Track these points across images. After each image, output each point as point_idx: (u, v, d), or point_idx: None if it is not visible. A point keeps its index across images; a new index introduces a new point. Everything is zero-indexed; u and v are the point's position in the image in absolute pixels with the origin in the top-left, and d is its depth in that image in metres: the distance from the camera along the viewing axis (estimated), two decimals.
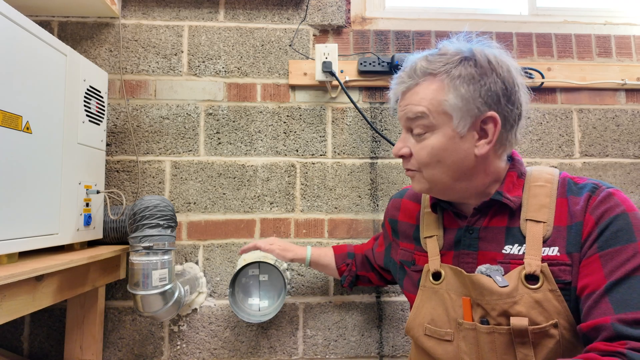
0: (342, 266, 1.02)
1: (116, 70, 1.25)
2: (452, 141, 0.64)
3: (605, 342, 0.54)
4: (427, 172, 0.68)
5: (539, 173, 0.70)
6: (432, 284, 0.71)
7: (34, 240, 0.83)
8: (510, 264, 0.64)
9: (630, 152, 1.32)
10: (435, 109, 0.64)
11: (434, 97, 0.64)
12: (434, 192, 0.72)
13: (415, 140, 0.68)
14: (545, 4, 1.42)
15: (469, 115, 0.63)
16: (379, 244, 0.97)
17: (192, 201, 1.23)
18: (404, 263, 0.80)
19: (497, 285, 0.62)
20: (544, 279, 0.61)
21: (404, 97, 0.69)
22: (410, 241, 0.81)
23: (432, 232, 0.75)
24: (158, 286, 0.97)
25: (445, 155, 0.65)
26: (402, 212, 0.86)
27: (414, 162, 0.69)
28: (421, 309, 0.72)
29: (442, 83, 0.64)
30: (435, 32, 1.32)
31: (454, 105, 0.63)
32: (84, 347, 1.09)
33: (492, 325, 0.62)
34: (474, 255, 0.68)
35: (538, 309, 0.60)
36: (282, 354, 1.21)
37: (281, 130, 1.27)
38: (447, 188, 0.69)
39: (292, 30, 1.30)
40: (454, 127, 0.64)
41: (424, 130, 0.66)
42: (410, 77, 0.67)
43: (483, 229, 0.69)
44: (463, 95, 0.62)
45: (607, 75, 1.31)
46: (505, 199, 0.66)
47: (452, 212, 0.73)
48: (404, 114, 0.68)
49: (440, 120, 0.64)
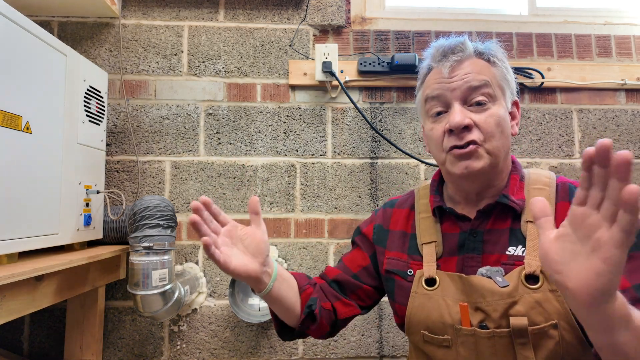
0: (307, 287, 0.75)
1: (116, 70, 1.25)
2: (506, 115, 0.68)
3: None
4: (491, 144, 0.65)
5: (537, 176, 0.71)
6: (425, 290, 0.69)
7: (34, 240, 0.83)
8: (515, 265, 0.64)
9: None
10: (494, 81, 0.67)
11: (489, 70, 0.68)
12: (486, 173, 0.67)
13: (476, 111, 0.65)
14: (545, 4, 1.42)
15: (511, 94, 0.70)
16: (354, 262, 0.82)
17: (192, 201, 1.23)
18: (396, 273, 0.75)
19: (498, 286, 0.62)
20: (544, 279, 0.60)
21: (460, 66, 0.67)
22: (403, 251, 0.76)
23: (430, 238, 0.73)
24: (158, 286, 0.97)
25: (506, 127, 0.67)
26: (393, 222, 0.80)
27: (477, 134, 0.65)
28: (414, 316, 0.70)
29: (489, 62, 0.69)
30: (435, 32, 1.32)
31: (507, 81, 0.69)
32: (84, 347, 1.09)
33: (492, 329, 0.62)
34: (478, 259, 0.67)
35: (537, 309, 0.60)
36: (282, 354, 1.21)
37: (281, 130, 1.27)
38: (497, 166, 0.67)
39: (292, 30, 1.30)
40: (505, 102, 0.68)
41: (488, 99, 0.66)
42: (461, 50, 0.68)
43: (487, 232, 0.68)
44: (505, 76, 0.69)
45: (607, 75, 1.31)
46: (512, 202, 0.66)
47: (453, 216, 0.72)
48: (463, 83, 0.65)
49: (498, 92, 0.67)
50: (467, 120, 0.64)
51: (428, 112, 0.71)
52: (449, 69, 0.67)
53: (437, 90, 0.68)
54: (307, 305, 0.72)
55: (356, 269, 0.81)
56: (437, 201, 0.73)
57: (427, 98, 0.70)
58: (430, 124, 0.70)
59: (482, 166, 0.65)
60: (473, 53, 0.68)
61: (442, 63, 0.68)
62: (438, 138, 0.68)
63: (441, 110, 0.68)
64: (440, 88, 0.67)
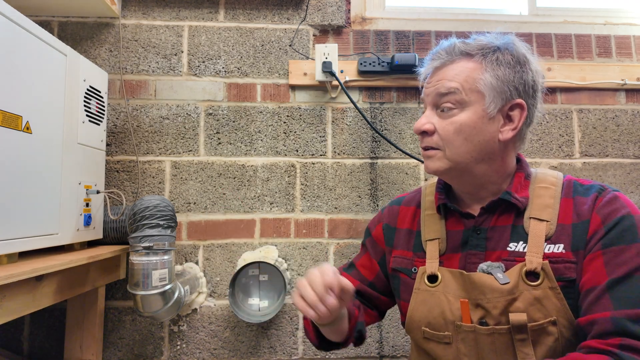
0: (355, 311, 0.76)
1: (116, 70, 1.25)
2: (480, 120, 0.66)
3: (598, 340, 0.55)
4: (450, 150, 0.66)
5: (544, 175, 0.71)
6: (428, 286, 0.70)
7: (34, 240, 0.83)
8: (516, 261, 0.64)
9: (630, 152, 1.32)
10: (469, 86, 0.66)
11: (469, 74, 0.66)
12: (451, 174, 0.69)
13: (441, 117, 0.67)
14: (545, 4, 1.42)
15: (501, 97, 0.65)
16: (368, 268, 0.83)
17: (192, 201, 1.23)
18: (401, 271, 0.77)
19: (499, 283, 0.62)
20: (545, 276, 0.61)
21: (436, 72, 0.69)
22: (408, 248, 0.77)
23: (434, 235, 0.74)
24: (158, 286, 0.97)
25: (473, 134, 0.66)
26: (400, 220, 0.82)
27: (436, 139, 0.67)
28: (416, 311, 0.71)
29: (480, 64, 0.66)
30: (435, 32, 1.32)
31: (489, 85, 0.65)
32: (84, 347, 1.09)
33: (492, 326, 0.62)
34: (481, 256, 0.68)
35: (537, 306, 0.60)
36: (282, 354, 1.21)
37: (281, 130, 1.27)
38: (466, 170, 0.68)
39: (292, 30, 1.30)
40: (485, 107, 0.65)
41: (454, 106, 0.66)
42: (448, 53, 0.68)
43: (490, 229, 0.68)
44: (499, 76, 0.65)
45: (607, 75, 1.31)
46: (514, 199, 0.67)
47: (457, 213, 0.72)
48: (433, 89, 0.68)
49: (473, 97, 0.66)
50: (427, 126, 0.68)
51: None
52: (430, 74, 0.70)
53: (422, 93, 0.72)
54: (357, 330, 0.76)
55: (371, 276, 0.83)
56: (442, 199, 0.74)
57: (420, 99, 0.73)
58: None
59: (437, 168, 0.68)
60: (460, 55, 0.67)
61: (426, 67, 0.72)
62: None
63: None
64: (423, 92, 0.72)
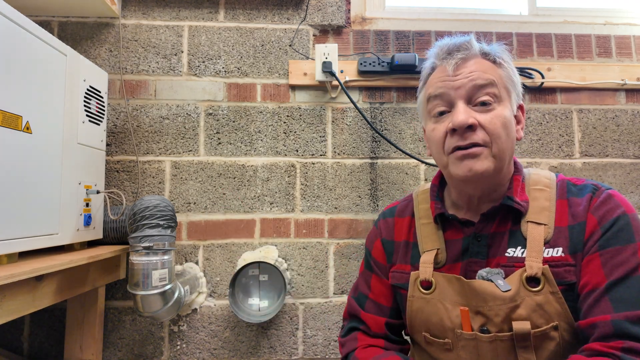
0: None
1: (116, 70, 1.25)
2: (512, 117, 0.65)
3: (600, 342, 0.54)
4: (497, 146, 0.62)
5: (537, 177, 0.69)
6: (422, 293, 0.67)
7: (34, 240, 0.83)
8: (515, 267, 0.62)
9: (630, 152, 1.32)
10: (500, 82, 0.64)
11: (495, 71, 0.65)
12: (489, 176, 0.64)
13: (481, 111, 0.63)
14: (545, 4, 1.42)
15: (517, 97, 0.67)
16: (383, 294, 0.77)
17: (192, 201, 1.23)
18: (401, 287, 0.72)
19: (500, 290, 0.60)
20: (546, 281, 0.60)
21: (465, 64, 0.64)
22: (406, 262, 0.73)
23: (433, 246, 0.70)
24: (158, 286, 0.97)
25: (511, 130, 0.64)
26: (397, 232, 0.77)
27: (482, 135, 0.62)
28: (415, 319, 0.69)
29: (497, 64, 0.66)
30: (435, 32, 1.32)
31: (513, 83, 0.66)
32: (84, 347, 1.09)
33: (494, 334, 0.61)
34: (482, 263, 0.65)
35: (539, 312, 0.59)
36: (282, 354, 1.21)
37: (281, 130, 1.27)
38: (501, 170, 0.65)
39: (292, 30, 1.30)
40: (511, 105, 0.66)
41: (493, 99, 0.63)
42: (467, 48, 0.66)
43: (491, 236, 0.66)
44: (516, 78, 0.67)
45: (607, 75, 1.31)
46: (517, 204, 0.64)
47: (456, 222, 0.69)
48: (468, 81, 0.63)
49: (504, 94, 0.65)
50: (472, 120, 0.61)
51: (430, 112, 0.68)
52: (454, 66, 0.64)
53: (440, 88, 0.65)
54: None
55: (388, 302, 0.76)
56: (439, 208, 0.70)
57: (429, 97, 0.67)
58: (432, 124, 0.67)
59: (486, 168, 0.62)
60: (478, 53, 0.66)
61: (446, 61, 0.66)
62: (440, 139, 0.65)
63: (444, 110, 0.65)
64: (444, 86, 0.65)
